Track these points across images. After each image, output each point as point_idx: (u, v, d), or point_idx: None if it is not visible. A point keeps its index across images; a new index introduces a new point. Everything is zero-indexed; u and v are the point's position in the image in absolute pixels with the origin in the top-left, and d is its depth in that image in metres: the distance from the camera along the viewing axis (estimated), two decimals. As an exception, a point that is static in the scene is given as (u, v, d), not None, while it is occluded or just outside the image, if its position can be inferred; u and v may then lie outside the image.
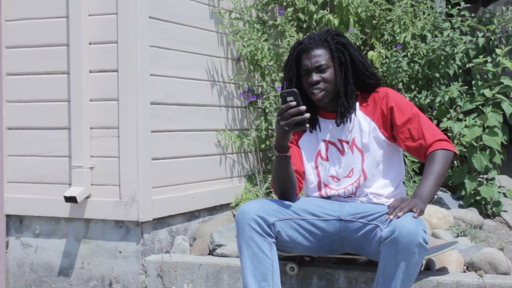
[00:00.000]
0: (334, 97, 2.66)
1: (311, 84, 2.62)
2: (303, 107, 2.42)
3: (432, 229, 3.44)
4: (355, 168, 2.66)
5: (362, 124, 2.66)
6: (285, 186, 2.63)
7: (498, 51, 4.03)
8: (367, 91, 2.70)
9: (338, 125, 2.68)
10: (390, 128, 2.66)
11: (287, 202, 2.63)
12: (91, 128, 3.43)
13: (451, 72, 4.19)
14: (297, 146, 2.76)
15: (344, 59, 2.64)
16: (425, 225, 2.38)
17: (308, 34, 2.80)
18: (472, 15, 4.39)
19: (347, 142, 2.68)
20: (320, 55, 2.62)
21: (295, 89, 2.43)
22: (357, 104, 2.70)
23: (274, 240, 2.54)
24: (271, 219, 2.53)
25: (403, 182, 2.83)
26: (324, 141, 2.73)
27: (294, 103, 2.42)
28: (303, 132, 2.76)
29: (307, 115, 2.42)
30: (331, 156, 2.71)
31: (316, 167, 2.73)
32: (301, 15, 4.23)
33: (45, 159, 3.55)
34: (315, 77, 2.61)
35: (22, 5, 3.57)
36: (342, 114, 2.66)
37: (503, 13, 4.24)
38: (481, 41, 4.24)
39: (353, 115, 2.67)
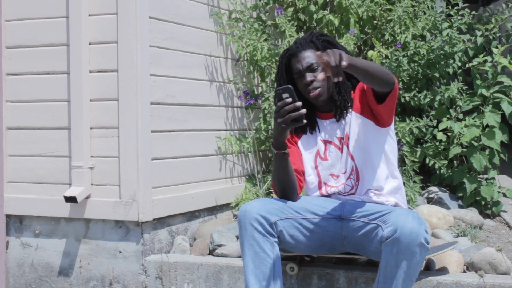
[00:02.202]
0: (330, 95, 2.68)
1: (306, 85, 2.64)
2: (299, 103, 2.42)
3: (432, 229, 3.44)
4: (348, 161, 2.67)
5: (350, 116, 2.68)
6: (285, 185, 2.63)
7: (495, 50, 4.03)
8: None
9: (338, 120, 2.70)
10: (368, 108, 2.65)
11: (288, 202, 2.63)
12: (91, 128, 3.43)
13: (450, 71, 4.19)
14: (296, 147, 2.77)
15: None
16: (426, 225, 2.39)
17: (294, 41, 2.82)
18: (472, 12, 4.39)
19: (342, 138, 2.70)
20: (309, 56, 2.66)
21: (290, 86, 2.43)
22: None
23: (276, 239, 2.54)
24: (273, 218, 2.53)
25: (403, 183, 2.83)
26: (322, 141, 2.73)
27: (290, 99, 2.42)
28: (302, 134, 2.77)
29: (303, 110, 2.42)
30: (330, 155, 2.72)
31: (316, 167, 2.74)
32: (301, 15, 4.23)
33: (45, 159, 3.55)
34: (309, 77, 2.64)
35: (22, 5, 3.57)
36: (340, 109, 2.68)
37: (502, 11, 4.24)
38: (480, 40, 4.24)
39: (350, 109, 2.68)
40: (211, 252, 3.41)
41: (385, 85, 2.47)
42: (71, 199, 3.36)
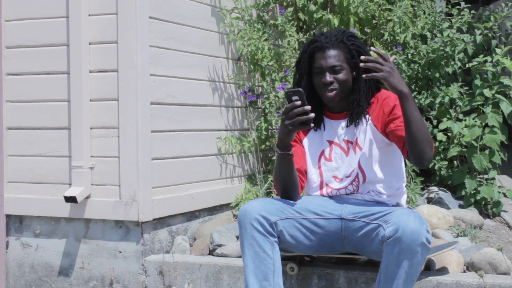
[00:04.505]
0: (344, 98, 2.66)
1: (324, 84, 2.62)
2: (308, 107, 2.42)
3: (432, 229, 3.44)
4: (355, 167, 2.66)
5: (364, 123, 2.67)
6: (287, 185, 2.63)
7: (498, 50, 4.03)
8: (373, 95, 2.71)
9: (348, 126, 2.68)
10: (386, 125, 2.64)
11: (289, 201, 2.63)
12: (91, 128, 3.43)
13: (450, 70, 4.19)
14: (301, 145, 2.76)
15: (359, 62, 2.62)
16: (428, 225, 2.39)
17: (321, 32, 2.77)
18: (472, 12, 4.39)
19: (352, 142, 2.68)
20: (335, 56, 2.61)
21: (300, 89, 2.44)
22: None
23: (276, 239, 2.54)
24: (273, 218, 2.53)
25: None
26: (329, 141, 2.72)
27: (299, 102, 2.43)
28: (308, 131, 2.76)
29: (312, 115, 2.42)
30: (334, 156, 2.71)
31: (319, 167, 2.73)
32: (301, 15, 4.23)
33: (45, 159, 3.55)
34: (329, 77, 2.60)
35: (22, 5, 3.57)
36: (356, 116, 2.65)
37: (502, 9, 4.24)
38: (479, 38, 4.23)
39: (366, 115, 2.66)
40: (211, 252, 3.41)
41: (416, 151, 2.44)
42: (71, 199, 3.36)
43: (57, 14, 3.48)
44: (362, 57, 2.44)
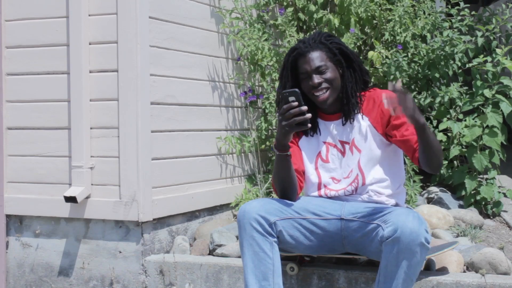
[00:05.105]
0: (336, 97, 2.66)
1: (314, 87, 2.61)
2: (305, 107, 2.42)
3: (432, 229, 3.44)
4: (354, 169, 2.66)
5: (361, 124, 2.67)
6: (286, 185, 2.63)
7: (498, 51, 4.03)
8: (362, 90, 2.71)
9: (344, 124, 2.68)
10: (386, 126, 2.64)
11: (288, 202, 2.63)
12: (91, 128, 3.43)
13: (450, 72, 4.19)
14: (297, 146, 2.76)
15: (341, 58, 2.64)
16: (427, 225, 2.39)
17: (301, 38, 2.78)
18: (472, 13, 4.38)
19: (348, 143, 2.68)
20: (318, 57, 2.61)
21: (296, 89, 2.43)
22: None
23: (275, 239, 2.54)
24: (273, 218, 2.53)
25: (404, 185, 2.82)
26: (325, 143, 2.72)
27: (295, 103, 2.42)
28: (302, 134, 2.76)
29: (309, 115, 2.42)
30: (331, 158, 2.71)
31: (316, 168, 2.73)
32: (301, 15, 4.23)
33: (45, 159, 3.55)
34: (317, 79, 2.60)
35: (22, 5, 3.57)
36: (349, 112, 2.65)
37: (503, 11, 4.24)
38: (480, 40, 4.23)
39: (358, 114, 2.66)
40: (211, 252, 3.41)
41: (431, 163, 2.50)
42: (71, 199, 3.36)
43: (57, 14, 3.48)
44: (385, 97, 2.38)
